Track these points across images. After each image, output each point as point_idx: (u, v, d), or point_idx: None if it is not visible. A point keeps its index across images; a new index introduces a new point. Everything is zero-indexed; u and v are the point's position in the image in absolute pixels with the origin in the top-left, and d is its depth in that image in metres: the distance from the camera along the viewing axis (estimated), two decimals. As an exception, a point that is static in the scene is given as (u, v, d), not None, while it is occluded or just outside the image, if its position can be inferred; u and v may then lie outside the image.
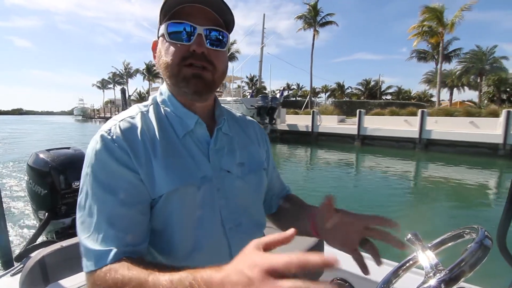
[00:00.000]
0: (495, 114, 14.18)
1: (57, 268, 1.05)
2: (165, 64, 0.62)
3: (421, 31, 24.21)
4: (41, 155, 1.88)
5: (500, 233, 0.90)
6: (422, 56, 33.78)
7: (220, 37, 0.63)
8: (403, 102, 32.49)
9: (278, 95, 21.73)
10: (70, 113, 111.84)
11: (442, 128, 14.54)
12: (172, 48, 0.61)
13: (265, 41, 31.01)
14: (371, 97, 45.00)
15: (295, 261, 0.34)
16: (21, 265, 1.24)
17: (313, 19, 31.49)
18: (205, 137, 0.67)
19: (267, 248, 0.40)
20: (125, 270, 0.50)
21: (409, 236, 0.66)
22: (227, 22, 0.65)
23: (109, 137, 0.58)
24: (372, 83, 49.91)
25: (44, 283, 1.03)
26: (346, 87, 54.52)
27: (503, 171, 11.00)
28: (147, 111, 0.66)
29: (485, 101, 24.44)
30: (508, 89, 23.59)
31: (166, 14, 0.61)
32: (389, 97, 49.06)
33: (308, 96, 30.09)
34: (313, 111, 20.13)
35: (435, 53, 31.55)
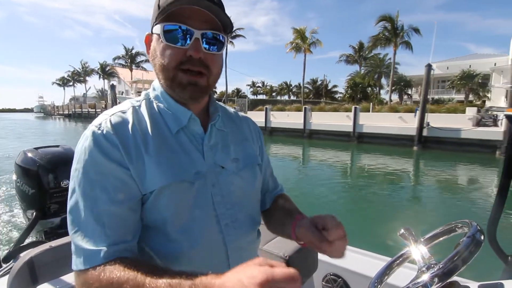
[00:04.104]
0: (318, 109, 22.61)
1: (46, 268, 1.03)
2: (160, 65, 0.62)
3: (293, 46, 32.76)
4: (29, 154, 1.86)
5: (490, 227, 0.93)
6: (348, 60, 41.12)
7: (217, 40, 0.62)
8: (316, 101, 39.09)
9: None
10: (32, 110, 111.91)
11: (291, 120, 21.33)
12: (168, 51, 0.60)
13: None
14: (318, 96, 51.38)
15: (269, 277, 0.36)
16: (9, 266, 1.24)
17: (226, 32, 38.77)
18: (199, 133, 0.67)
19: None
20: (121, 271, 0.49)
21: (402, 231, 0.67)
22: (225, 24, 0.64)
23: (99, 131, 0.58)
24: (319, 82, 56.80)
25: (33, 284, 1.02)
26: (292, 86, 61.26)
27: (306, 147, 17.34)
28: (139, 106, 0.66)
29: (348, 100, 32.38)
30: (362, 91, 31.39)
31: (163, 13, 0.59)
32: (337, 95, 55.66)
33: (224, 96, 36.44)
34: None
35: (357, 57, 39.25)
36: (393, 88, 28.72)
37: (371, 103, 20.58)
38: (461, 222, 0.62)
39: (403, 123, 15.86)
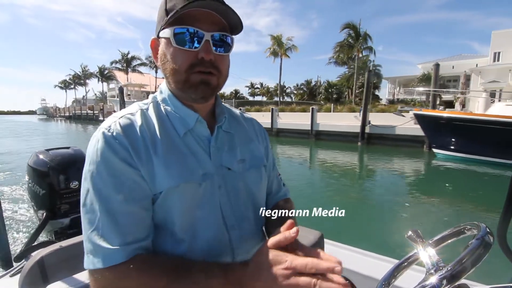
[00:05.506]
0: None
1: (56, 268, 1.02)
2: (172, 69, 0.59)
3: (271, 51, 34.14)
4: (41, 155, 1.83)
5: (500, 229, 0.90)
6: (337, 61, 43.45)
7: (226, 41, 0.60)
8: (289, 102, 39.35)
9: None
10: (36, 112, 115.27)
11: (265, 120, 20.96)
12: (179, 54, 0.57)
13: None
14: (312, 97, 52.23)
15: (309, 264, 0.41)
16: (20, 266, 1.21)
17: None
18: (206, 135, 0.64)
19: (279, 246, 0.46)
20: (148, 265, 0.49)
21: (410, 233, 0.64)
22: (232, 25, 0.61)
23: (109, 133, 0.55)
24: (313, 83, 58.36)
25: (44, 284, 1.00)
26: (286, 87, 63.22)
27: (273, 143, 19.36)
28: (147, 109, 0.63)
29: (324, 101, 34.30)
30: (336, 92, 33.62)
31: (172, 16, 0.56)
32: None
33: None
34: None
35: (344, 59, 41.92)
36: (360, 89, 30.88)
37: (332, 104, 22.71)
38: (470, 224, 0.60)
39: (358, 122, 17.17)
